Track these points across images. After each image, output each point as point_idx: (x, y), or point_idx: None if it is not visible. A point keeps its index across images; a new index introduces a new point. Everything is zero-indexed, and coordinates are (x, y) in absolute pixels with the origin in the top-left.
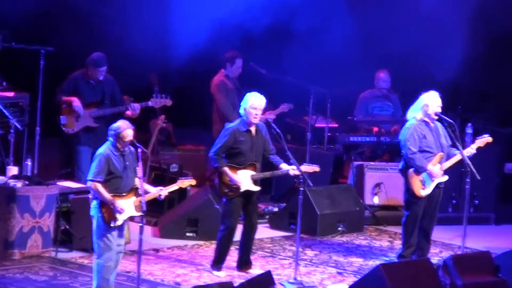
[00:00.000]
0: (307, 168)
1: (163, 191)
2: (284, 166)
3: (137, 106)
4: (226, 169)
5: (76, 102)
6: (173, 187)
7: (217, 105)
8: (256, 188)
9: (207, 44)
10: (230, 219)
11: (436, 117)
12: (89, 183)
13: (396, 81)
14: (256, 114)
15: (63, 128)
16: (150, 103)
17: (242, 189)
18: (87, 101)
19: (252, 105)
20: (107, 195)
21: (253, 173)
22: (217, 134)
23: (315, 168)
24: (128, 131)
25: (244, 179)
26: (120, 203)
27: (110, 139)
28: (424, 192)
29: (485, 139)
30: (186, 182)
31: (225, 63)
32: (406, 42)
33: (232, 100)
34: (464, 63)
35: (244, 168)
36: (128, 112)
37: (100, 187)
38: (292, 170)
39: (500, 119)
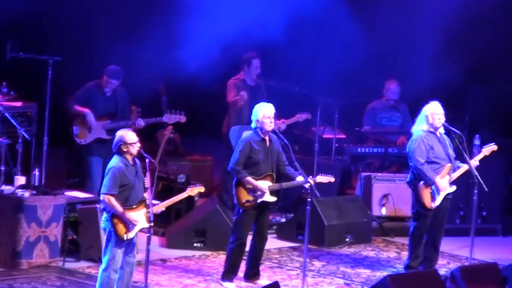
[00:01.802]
0: (322, 178)
1: (165, 205)
2: (300, 178)
3: (142, 122)
4: (250, 178)
5: (89, 116)
6: (183, 195)
7: (227, 101)
8: (273, 199)
9: (215, 55)
10: (242, 231)
11: (440, 126)
12: (102, 197)
13: (404, 92)
14: (271, 122)
15: (76, 139)
16: (164, 119)
17: (264, 198)
18: (101, 113)
19: (264, 114)
20: (120, 208)
21: (270, 183)
22: (225, 132)
23: (330, 178)
24: (130, 134)
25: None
26: (133, 215)
27: (118, 152)
28: (434, 203)
29: (491, 148)
30: (195, 190)
31: (243, 65)
32: (415, 53)
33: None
34: (471, 74)
35: (262, 178)
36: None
37: (113, 201)
38: (308, 182)
39: (508, 130)
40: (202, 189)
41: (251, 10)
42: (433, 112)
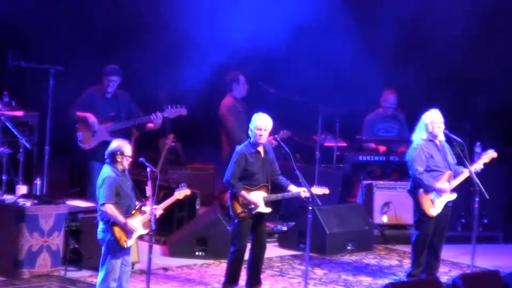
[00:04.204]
0: (317, 190)
1: (158, 209)
2: (293, 188)
3: (159, 115)
4: (244, 193)
5: (91, 118)
6: (172, 199)
7: (227, 127)
8: (268, 210)
9: (215, 63)
10: (241, 240)
11: (440, 135)
12: (103, 207)
13: (403, 100)
14: (261, 135)
15: (80, 144)
16: (165, 114)
17: (259, 209)
18: (103, 116)
19: (257, 126)
20: (120, 217)
21: (265, 194)
22: (227, 156)
23: (324, 190)
24: (127, 146)
25: (257, 201)
26: (131, 223)
27: (108, 161)
28: (434, 211)
29: (490, 154)
30: (182, 193)
31: (231, 85)
32: (414, 60)
33: (241, 121)
34: (472, 82)
35: (257, 189)
36: (150, 125)
37: (114, 209)
38: (303, 192)
39: (509, 138)
40: (188, 191)
41: (252, 19)
42: (433, 121)
